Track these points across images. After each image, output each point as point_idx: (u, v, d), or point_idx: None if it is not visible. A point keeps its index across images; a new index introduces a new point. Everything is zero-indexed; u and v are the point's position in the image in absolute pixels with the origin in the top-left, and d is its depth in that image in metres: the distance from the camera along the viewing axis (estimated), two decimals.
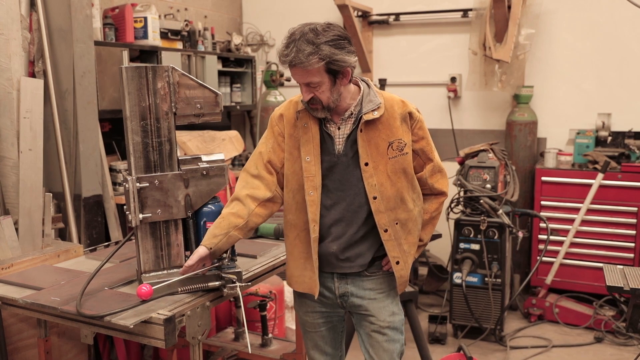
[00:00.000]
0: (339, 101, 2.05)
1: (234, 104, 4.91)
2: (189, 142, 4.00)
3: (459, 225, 3.98)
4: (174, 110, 2.11)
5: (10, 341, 2.68)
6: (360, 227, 2.12)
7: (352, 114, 2.09)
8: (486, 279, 3.92)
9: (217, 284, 2.11)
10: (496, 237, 3.88)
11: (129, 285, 2.24)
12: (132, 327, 1.87)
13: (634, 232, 4.17)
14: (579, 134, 4.51)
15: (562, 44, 4.67)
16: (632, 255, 4.18)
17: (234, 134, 4.43)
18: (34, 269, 2.52)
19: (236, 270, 2.13)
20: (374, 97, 2.09)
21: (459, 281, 3.94)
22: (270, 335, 3.22)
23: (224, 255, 2.11)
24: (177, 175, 2.12)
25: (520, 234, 3.97)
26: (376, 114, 2.05)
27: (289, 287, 3.63)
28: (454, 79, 4.97)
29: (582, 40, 4.61)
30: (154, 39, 3.96)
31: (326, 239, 2.14)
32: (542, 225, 4.34)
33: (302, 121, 2.12)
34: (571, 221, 4.30)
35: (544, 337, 4.07)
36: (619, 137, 4.45)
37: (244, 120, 5.53)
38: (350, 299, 2.20)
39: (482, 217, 3.87)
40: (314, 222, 2.10)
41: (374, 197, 2.08)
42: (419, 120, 2.14)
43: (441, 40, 5.04)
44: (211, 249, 2.04)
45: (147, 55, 3.99)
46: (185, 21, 4.45)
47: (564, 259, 4.34)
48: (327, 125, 2.11)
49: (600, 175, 4.14)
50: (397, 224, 2.11)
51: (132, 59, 3.83)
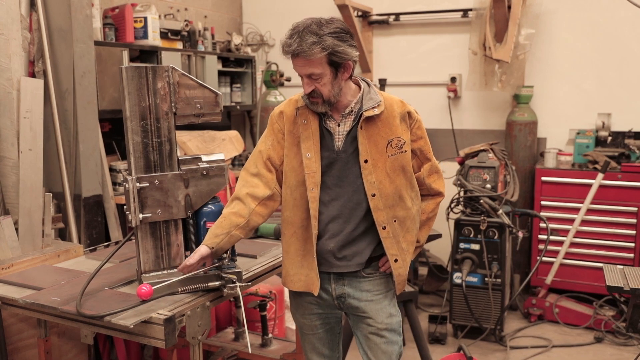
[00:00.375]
0: (340, 96, 2.07)
1: (234, 104, 4.91)
2: (189, 142, 4.00)
3: (459, 225, 3.98)
4: (174, 110, 2.11)
5: (10, 341, 2.68)
6: (358, 224, 2.12)
7: (352, 111, 2.10)
8: (486, 279, 3.92)
9: (217, 284, 2.11)
10: (496, 237, 3.88)
11: (129, 285, 2.24)
12: (132, 327, 1.87)
13: (634, 232, 4.17)
14: (579, 134, 4.51)
15: (562, 44, 4.67)
16: (632, 255, 4.18)
17: (234, 134, 4.43)
18: (34, 269, 2.52)
19: (236, 270, 2.13)
20: (374, 95, 2.11)
21: (459, 281, 3.94)
22: (270, 335, 3.22)
23: (224, 255, 2.11)
24: (177, 175, 2.12)
25: (520, 234, 3.97)
26: (376, 111, 2.07)
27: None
28: (454, 79, 4.97)
29: (582, 40, 4.61)
30: (154, 39, 3.96)
31: (323, 237, 2.13)
32: (542, 225, 4.34)
33: (301, 117, 2.12)
34: (571, 221, 4.30)
35: (544, 337, 4.07)
36: (619, 137, 4.45)
37: (244, 120, 5.53)
38: (347, 300, 2.20)
39: (482, 217, 3.87)
40: (315, 218, 2.10)
41: (373, 195, 2.08)
42: (417, 120, 2.16)
43: (441, 40, 5.04)
44: (213, 248, 2.04)
45: (147, 55, 3.99)
46: (185, 21, 4.45)
47: (564, 259, 4.34)
48: (327, 121, 2.12)
49: (600, 175, 4.14)
50: (395, 221, 2.12)
51: (132, 59, 3.83)
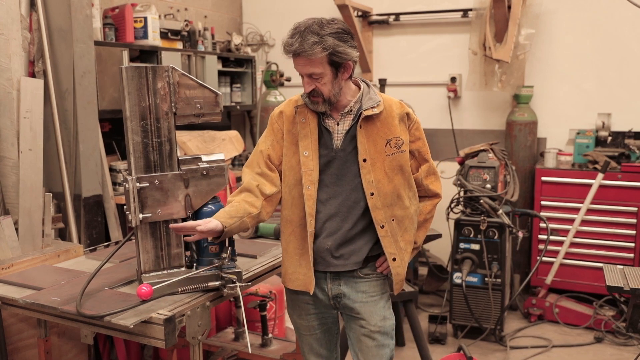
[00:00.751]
0: (340, 96, 2.09)
1: (234, 104, 4.91)
2: (189, 142, 4.00)
3: (459, 225, 3.98)
4: (174, 110, 2.11)
5: (10, 341, 2.68)
6: (355, 223, 2.13)
7: (351, 111, 2.12)
8: (486, 279, 3.92)
9: (217, 284, 2.11)
10: (496, 237, 3.88)
11: (129, 285, 2.24)
12: (132, 327, 1.87)
13: (634, 232, 4.17)
14: (579, 134, 4.51)
15: (562, 44, 4.67)
16: (632, 255, 4.18)
17: (234, 134, 4.43)
18: (34, 269, 2.52)
19: (236, 270, 2.13)
20: (374, 95, 2.14)
21: (459, 281, 3.94)
22: (270, 335, 3.22)
23: (224, 255, 2.11)
24: (177, 175, 2.12)
25: (520, 234, 3.97)
26: (376, 110, 2.09)
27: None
28: (454, 79, 4.97)
29: (582, 40, 4.61)
30: (154, 39, 3.96)
31: (321, 235, 2.14)
32: (542, 225, 4.34)
33: (300, 116, 2.14)
34: (571, 221, 4.30)
35: (544, 337, 4.07)
36: (619, 137, 4.45)
37: (244, 120, 5.53)
38: (342, 300, 2.20)
39: (482, 217, 3.87)
40: (311, 216, 2.11)
41: (371, 194, 2.10)
42: (415, 121, 2.19)
43: (441, 40, 5.04)
44: (225, 227, 2.00)
45: (147, 55, 3.98)
46: (185, 21, 4.45)
47: (564, 259, 4.34)
48: (326, 120, 2.14)
49: (600, 175, 4.14)
50: (393, 220, 2.13)
51: (132, 59, 3.83)
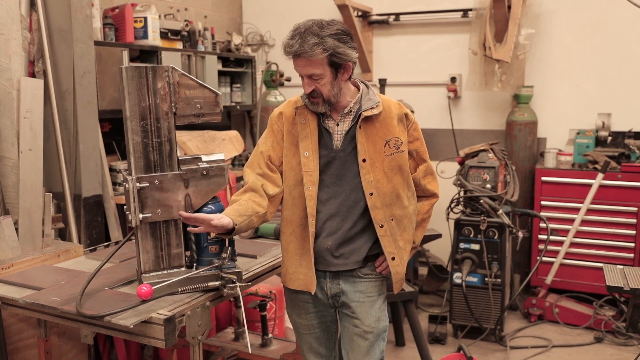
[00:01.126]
0: (339, 97, 2.10)
1: (234, 104, 4.90)
2: (189, 142, 4.00)
3: (459, 225, 3.98)
4: (174, 110, 2.11)
5: (10, 341, 2.68)
6: (355, 222, 2.15)
7: (350, 111, 2.14)
8: (486, 279, 3.92)
9: (217, 284, 2.11)
10: (496, 237, 3.88)
11: (129, 285, 2.24)
12: (132, 327, 1.87)
13: (634, 232, 4.17)
14: (579, 134, 4.51)
15: (562, 44, 4.67)
16: (632, 255, 4.18)
17: (234, 134, 4.43)
18: (34, 269, 2.52)
19: (236, 270, 2.13)
20: (373, 96, 2.16)
21: (459, 281, 3.94)
22: (270, 335, 3.22)
23: (224, 255, 2.11)
24: (177, 175, 2.12)
25: (520, 234, 3.97)
26: (375, 111, 2.11)
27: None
28: (454, 79, 4.97)
29: (582, 40, 4.61)
30: (154, 39, 3.96)
31: (321, 235, 2.15)
32: (542, 225, 4.34)
33: (300, 117, 2.16)
34: (571, 221, 4.30)
35: (544, 337, 4.07)
36: (619, 137, 4.45)
37: (244, 120, 5.53)
38: (341, 298, 2.22)
39: (482, 217, 3.87)
40: (312, 216, 2.12)
41: (371, 193, 2.11)
42: (413, 122, 2.21)
43: (441, 40, 5.04)
44: (236, 225, 2.01)
45: (147, 55, 3.98)
46: (185, 21, 4.45)
47: (564, 259, 4.34)
48: (326, 121, 2.15)
49: (600, 175, 4.14)
50: (392, 220, 2.15)
51: (132, 59, 3.83)
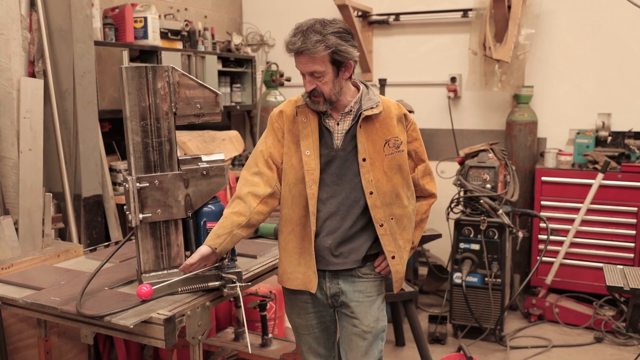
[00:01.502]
0: (340, 95, 2.11)
1: (234, 104, 4.91)
2: (189, 142, 4.00)
3: (459, 225, 3.98)
4: (174, 110, 2.11)
5: (10, 341, 2.68)
6: (355, 221, 2.15)
7: (351, 111, 2.15)
8: (486, 279, 3.92)
9: (217, 284, 2.11)
10: (496, 237, 3.88)
11: (129, 285, 2.24)
12: (132, 327, 1.87)
13: (634, 232, 4.17)
14: (579, 134, 4.51)
15: (562, 44, 4.67)
16: (632, 255, 4.18)
17: (234, 134, 4.43)
18: (34, 269, 2.52)
19: (236, 270, 2.13)
20: (373, 96, 2.18)
21: (459, 281, 3.94)
22: (270, 335, 3.22)
23: (225, 255, 2.11)
24: (177, 175, 2.12)
25: (520, 234, 3.97)
26: (375, 111, 2.12)
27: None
28: (454, 79, 4.97)
29: (582, 40, 4.61)
30: (154, 39, 3.96)
31: (321, 234, 2.16)
32: (542, 225, 4.34)
33: (301, 116, 2.17)
34: (571, 221, 4.30)
35: (544, 337, 4.07)
36: (619, 137, 4.45)
37: (244, 120, 5.53)
38: (340, 298, 2.22)
39: (482, 217, 3.87)
40: (314, 215, 2.12)
41: (371, 192, 2.12)
42: (412, 122, 2.23)
43: (441, 40, 5.04)
44: (216, 249, 2.04)
45: (147, 55, 3.98)
46: (185, 21, 4.45)
47: (564, 259, 4.34)
48: (326, 120, 2.16)
49: (600, 175, 4.14)
50: (392, 219, 2.16)
51: (132, 59, 3.83)
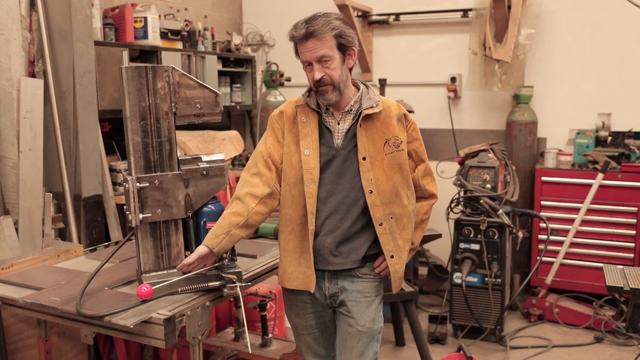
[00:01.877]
0: (346, 87, 2.13)
1: (234, 104, 4.91)
2: (189, 142, 4.00)
3: (459, 225, 3.98)
4: (174, 110, 2.11)
5: (10, 341, 2.68)
6: (354, 221, 2.15)
7: (351, 110, 2.16)
8: (486, 279, 3.92)
9: (217, 284, 2.11)
10: (496, 237, 3.88)
11: (129, 285, 2.24)
12: (132, 327, 1.87)
13: (634, 232, 4.17)
14: (579, 134, 4.51)
15: (562, 44, 4.67)
16: (632, 255, 4.18)
17: (234, 134, 4.43)
18: (34, 269, 2.52)
19: (236, 270, 2.13)
20: (373, 95, 2.19)
21: (459, 281, 3.94)
22: (270, 335, 3.22)
23: (224, 255, 2.11)
24: (177, 175, 2.12)
25: (520, 234, 3.97)
26: (375, 110, 2.13)
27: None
28: (454, 79, 4.97)
29: (582, 40, 4.61)
30: (154, 39, 3.96)
31: (320, 233, 2.15)
32: (542, 225, 4.34)
33: (300, 116, 2.18)
34: (571, 221, 4.30)
35: (544, 337, 4.07)
36: (619, 137, 4.45)
37: (244, 120, 5.53)
38: (339, 297, 2.22)
39: (482, 217, 3.87)
40: (312, 214, 2.12)
41: (370, 191, 2.12)
42: (412, 122, 2.24)
43: (441, 40, 5.04)
44: (214, 249, 2.04)
45: (147, 55, 3.99)
46: (185, 21, 4.45)
47: (564, 259, 4.34)
48: (327, 119, 2.17)
49: (600, 175, 4.14)
50: (392, 218, 2.16)
51: (132, 59, 3.83)
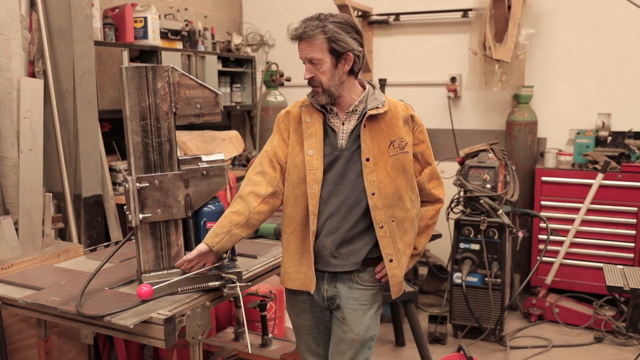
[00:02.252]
0: (342, 90, 2.11)
1: (234, 104, 4.91)
2: (189, 142, 4.00)
3: (459, 225, 3.98)
4: (174, 110, 2.11)
5: (10, 341, 2.68)
6: (355, 223, 2.13)
7: (356, 110, 2.15)
8: (486, 279, 3.92)
9: (217, 284, 2.11)
10: (496, 237, 3.88)
11: (129, 285, 2.24)
12: (132, 327, 1.87)
13: (634, 232, 4.17)
14: (579, 134, 4.51)
15: (562, 44, 4.67)
16: (632, 255, 4.18)
17: (234, 134, 4.43)
18: (34, 269, 2.52)
19: (236, 270, 2.13)
20: (379, 95, 2.17)
21: (459, 281, 3.94)
22: (270, 335, 3.22)
23: (224, 255, 2.11)
24: (177, 175, 2.12)
25: (520, 234, 3.97)
26: (380, 110, 2.11)
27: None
28: (454, 79, 4.97)
29: (582, 40, 4.61)
30: (154, 39, 3.96)
31: (321, 234, 2.15)
32: (542, 225, 4.34)
33: (305, 116, 2.17)
34: (571, 221, 4.30)
35: (544, 337, 4.07)
36: (619, 137, 4.45)
37: (244, 120, 5.53)
38: (336, 301, 2.21)
39: (482, 217, 3.87)
40: (313, 215, 2.11)
41: (372, 193, 2.10)
42: (420, 124, 2.21)
43: (441, 40, 5.04)
44: (213, 247, 2.04)
45: (147, 55, 3.99)
46: (185, 21, 4.45)
47: (564, 259, 4.34)
48: (332, 120, 2.16)
49: (600, 175, 4.14)
50: (393, 221, 2.13)
51: (132, 59, 3.83)
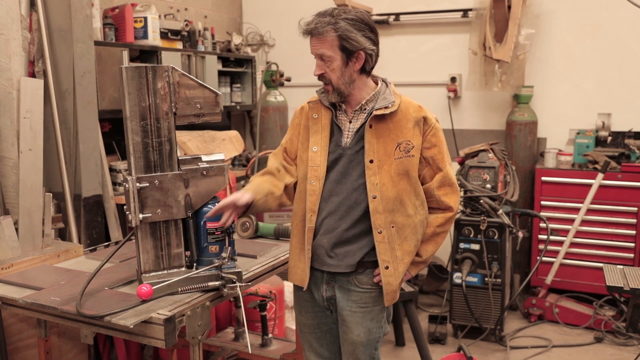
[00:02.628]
0: (352, 89, 2.07)
1: (234, 104, 4.91)
2: (189, 142, 4.00)
3: (459, 225, 3.98)
4: (174, 110, 2.11)
5: (10, 341, 2.68)
6: (353, 224, 2.10)
7: (364, 109, 2.11)
8: (486, 279, 3.92)
9: (217, 283, 2.11)
10: (496, 237, 3.88)
11: (129, 285, 2.24)
12: (132, 327, 1.87)
13: (634, 232, 4.17)
14: (579, 134, 4.51)
15: (562, 44, 4.67)
16: (632, 255, 4.18)
17: (234, 134, 4.43)
18: (34, 269, 2.52)
19: (236, 270, 2.13)
20: (389, 95, 2.10)
21: (459, 281, 3.94)
22: (270, 335, 3.22)
23: (224, 255, 2.11)
24: (177, 175, 2.12)
25: (520, 234, 3.97)
26: (387, 111, 2.05)
27: (288, 287, 3.66)
28: (454, 79, 4.97)
29: (582, 40, 4.61)
30: (154, 39, 3.96)
31: (319, 232, 2.14)
32: (542, 225, 4.34)
33: (312, 112, 2.15)
34: (571, 221, 4.30)
35: (544, 337, 4.07)
36: (619, 137, 4.45)
37: (244, 120, 5.53)
38: (335, 303, 2.20)
39: (482, 217, 3.87)
40: (312, 212, 2.11)
41: (374, 196, 2.06)
42: (434, 127, 2.12)
43: (441, 40, 5.04)
44: (256, 203, 2.06)
45: (147, 55, 3.99)
46: (185, 21, 4.45)
47: (564, 259, 4.34)
48: (339, 117, 2.13)
49: (600, 175, 4.14)
50: (393, 227, 2.07)
51: (132, 59, 3.83)
